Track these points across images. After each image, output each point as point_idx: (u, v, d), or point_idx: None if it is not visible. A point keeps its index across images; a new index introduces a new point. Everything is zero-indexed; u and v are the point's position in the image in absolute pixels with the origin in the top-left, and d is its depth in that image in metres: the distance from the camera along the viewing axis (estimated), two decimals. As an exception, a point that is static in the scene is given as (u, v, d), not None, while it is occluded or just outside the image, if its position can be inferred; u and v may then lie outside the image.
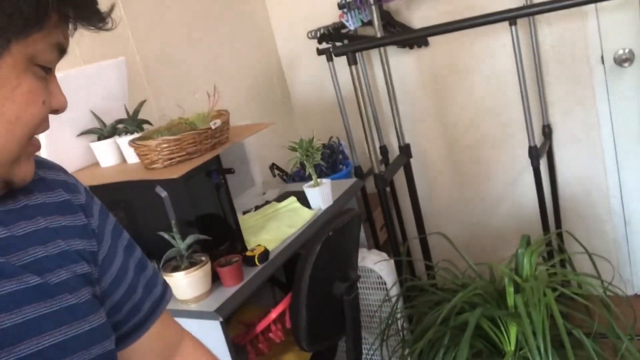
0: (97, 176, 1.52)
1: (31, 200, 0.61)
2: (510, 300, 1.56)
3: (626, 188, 2.35)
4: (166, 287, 0.78)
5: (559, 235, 2.19)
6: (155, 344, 0.75)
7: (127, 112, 1.58)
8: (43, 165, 0.66)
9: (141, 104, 1.61)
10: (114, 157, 1.58)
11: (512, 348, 1.56)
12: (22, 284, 0.55)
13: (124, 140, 1.53)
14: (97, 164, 1.61)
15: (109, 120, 1.57)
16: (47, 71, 0.56)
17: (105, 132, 1.56)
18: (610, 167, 2.33)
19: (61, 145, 1.51)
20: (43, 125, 0.57)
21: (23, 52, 0.52)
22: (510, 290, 1.55)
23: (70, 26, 0.57)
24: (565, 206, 2.44)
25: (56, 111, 0.59)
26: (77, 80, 1.49)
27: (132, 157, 1.54)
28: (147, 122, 1.61)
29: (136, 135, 1.53)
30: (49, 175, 0.66)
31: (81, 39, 0.61)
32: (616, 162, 2.31)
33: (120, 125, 1.58)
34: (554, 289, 1.56)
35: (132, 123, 1.55)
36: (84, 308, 0.60)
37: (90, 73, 1.55)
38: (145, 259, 0.76)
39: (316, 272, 1.53)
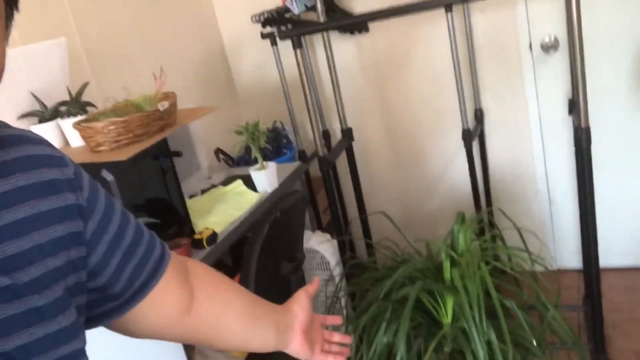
0: (39, 160, 1.49)
1: (10, 183, 0.57)
2: (447, 274, 1.65)
3: (551, 170, 2.51)
4: (164, 246, 0.77)
5: (490, 213, 2.33)
6: (165, 299, 0.75)
7: (70, 94, 1.55)
8: (26, 140, 0.62)
9: (84, 85, 1.58)
10: (57, 140, 1.55)
11: (450, 319, 1.66)
12: None
13: (67, 123, 1.50)
14: (38, 147, 1.57)
15: (50, 103, 1.54)
16: None
17: (46, 114, 1.53)
18: (536, 150, 2.48)
19: (0, 128, 1.47)
20: None
21: None
22: (447, 264, 1.65)
23: None
24: (496, 187, 2.59)
25: None
26: (16, 61, 1.45)
27: (76, 140, 1.51)
28: (91, 104, 1.59)
29: (80, 117, 1.51)
30: (33, 152, 0.61)
31: (20, 19, 0.56)
32: (542, 145, 2.47)
33: (62, 108, 1.54)
34: (487, 263, 1.67)
35: (75, 105, 1.53)
36: (51, 309, 0.57)
37: (30, 53, 1.51)
38: (140, 223, 0.74)
39: (264, 253, 1.57)
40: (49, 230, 0.59)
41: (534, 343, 1.57)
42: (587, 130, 1.76)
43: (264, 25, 2.30)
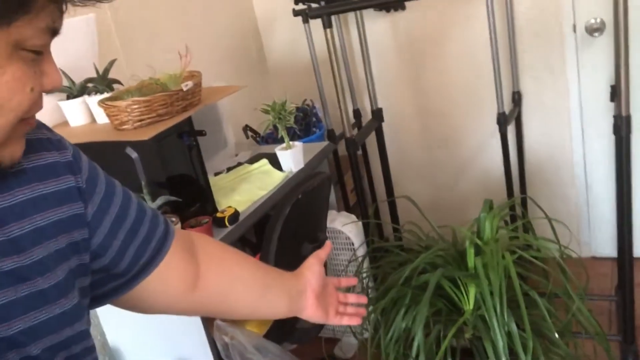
0: (66, 135, 1.51)
1: (12, 167, 0.58)
2: (470, 262, 1.62)
3: (590, 155, 2.42)
4: (168, 223, 0.77)
5: (523, 201, 2.27)
6: (171, 275, 0.76)
7: (97, 71, 1.57)
8: None
9: (111, 62, 1.60)
10: (84, 116, 1.57)
11: (471, 307, 1.63)
12: None
13: (93, 100, 1.52)
14: (66, 122, 1.60)
15: (78, 79, 1.56)
16: (39, 53, 0.52)
17: (74, 90, 1.55)
18: (576, 135, 2.39)
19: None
20: (34, 108, 0.54)
21: (5, 39, 0.47)
22: (470, 252, 1.62)
23: (62, 5, 0.52)
24: (531, 171, 2.51)
25: (50, 91, 0.56)
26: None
27: (102, 117, 1.54)
28: (118, 81, 1.60)
29: (106, 95, 1.53)
30: (32, 135, 0.62)
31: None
32: (582, 130, 2.38)
33: (89, 85, 1.57)
34: (513, 252, 1.63)
35: (101, 82, 1.55)
36: (54, 292, 0.58)
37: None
38: (142, 201, 0.75)
39: (285, 233, 1.57)
40: (49, 213, 0.60)
41: (555, 334, 1.53)
42: (628, 119, 1.69)
43: (296, 1, 2.26)
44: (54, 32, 0.52)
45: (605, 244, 2.55)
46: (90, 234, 0.66)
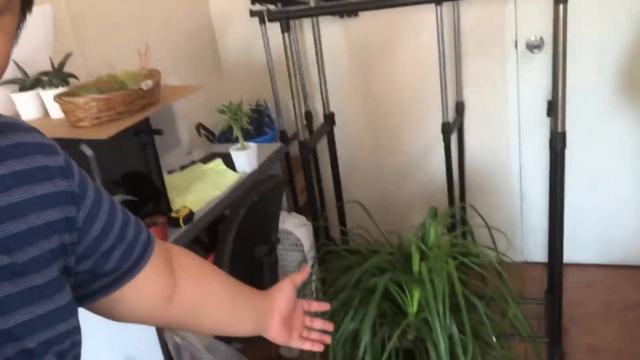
0: (18, 129, 1.48)
1: (7, 168, 0.59)
2: (415, 267, 1.70)
3: (525, 167, 2.57)
4: (149, 232, 0.78)
5: (463, 209, 2.38)
6: (149, 286, 0.77)
7: (52, 65, 1.54)
8: (18, 128, 0.63)
9: (67, 56, 1.56)
10: (37, 110, 1.54)
11: (415, 310, 1.71)
12: None
13: (48, 94, 1.49)
14: (17, 115, 1.56)
15: (32, 72, 1.52)
16: None
17: (27, 83, 1.51)
18: (512, 146, 2.53)
19: (-21, 94, 1.45)
20: None
21: None
22: (416, 257, 1.69)
23: None
24: (470, 179, 2.64)
25: None
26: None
27: (56, 112, 1.50)
28: (73, 76, 1.57)
29: (61, 89, 1.50)
30: (24, 139, 0.62)
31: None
32: (518, 142, 2.52)
33: (44, 78, 1.53)
34: (455, 258, 1.72)
35: (57, 76, 1.51)
36: (50, 287, 0.60)
37: (13, 20, 1.48)
38: (126, 209, 0.76)
39: (240, 235, 1.59)
40: (44, 214, 0.61)
41: (494, 339, 1.63)
42: (563, 135, 1.80)
43: (253, 2, 2.28)
44: None
45: (536, 250, 2.71)
46: (79, 238, 0.66)
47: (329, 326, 1.02)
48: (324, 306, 1.07)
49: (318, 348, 0.99)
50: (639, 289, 2.48)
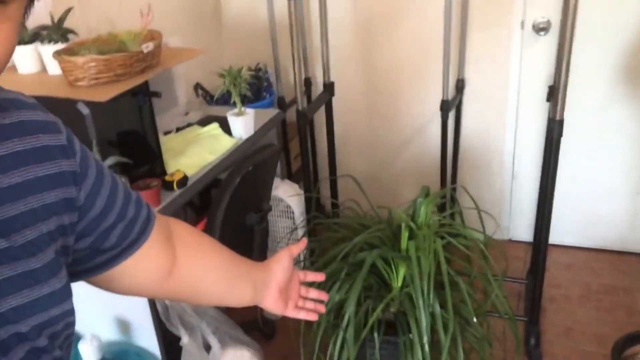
0: (15, 83, 1.46)
1: (7, 148, 0.58)
2: (403, 244, 1.73)
3: (519, 147, 2.58)
4: (150, 207, 0.79)
5: (454, 189, 2.40)
6: (148, 262, 0.77)
7: (52, 19, 1.51)
8: (21, 105, 0.62)
9: (67, 11, 1.53)
10: (34, 64, 1.51)
11: (399, 285, 1.75)
12: None
13: (46, 49, 1.47)
14: (14, 68, 1.54)
15: (30, 25, 1.49)
16: None
17: (25, 37, 1.49)
18: (509, 126, 2.54)
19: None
20: None
21: None
22: (405, 234, 1.72)
23: None
24: (464, 156, 2.65)
25: None
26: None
27: (54, 68, 1.48)
28: (73, 32, 1.54)
29: (60, 45, 1.47)
30: (27, 117, 0.61)
31: None
32: (516, 122, 2.52)
33: (43, 32, 1.50)
34: (443, 238, 1.75)
35: (56, 31, 1.49)
36: (45, 271, 0.60)
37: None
38: (127, 185, 0.77)
39: (232, 203, 1.61)
40: (43, 196, 0.60)
41: (474, 318, 1.68)
42: (561, 123, 1.81)
43: (258, -38, 2.22)
44: None
45: (522, 230, 2.76)
46: (80, 217, 0.66)
47: (324, 296, 1.04)
48: (320, 276, 1.08)
49: (313, 317, 1.01)
50: (618, 274, 2.54)
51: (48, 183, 0.62)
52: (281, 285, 0.96)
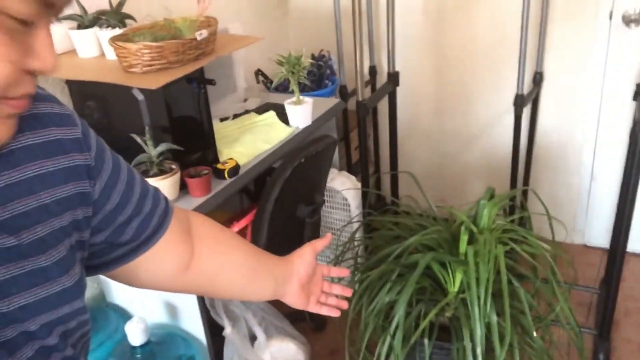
0: (75, 67, 1.48)
1: (19, 142, 0.57)
2: (462, 248, 1.63)
3: (600, 148, 2.38)
4: (167, 201, 0.78)
5: (525, 192, 2.26)
6: (166, 255, 0.77)
7: (111, 4, 1.51)
8: (37, 97, 0.60)
9: (126, -4, 1.53)
10: (93, 48, 1.52)
11: (456, 290, 1.66)
12: None
13: (104, 34, 1.47)
14: (74, 52, 1.55)
15: (91, 9, 1.50)
16: (27, 24, 0.47)
17: (85, 21, 1.50)
18: (590, 124, 2.35)
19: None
20: (16, 88, 0.49)
21: None
22: (464, 239, 1.62)
23: None
24: (539, 153, 2.48)
25: (37, 73, 0.50)
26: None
27: (111, 53, 1.49)
28: (131, 17, 1.54)
29: (117, 30, 1.47)
30: (40, 109, 0.60)
31: None
32: (597, 120, 2.33)
33: (102, 17, 1.51)
34: (506, 244, 1.63)
35: (114, 16, 1.49)
36: (56, 269, 0.59)
37: (75, -46, 1.45)
38: (144, 178, 0.75)
39: (282, 195, 1.56)
40: (55, 190, 0.59)
41: (534, 332, 1.56)
42: (646, 126, 1.64)
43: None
44: (46, 2, 0.47)
45: (598, 235, 2.57)
46: (95, 211, 0.65)
47: (347, 292, 1.01)
48: (344, 272, 1.06)
49: (335, 313, 0.99)
50: (703, 290, 2.31)
51: (61, 177, 0.60)
52: (303, 281, 0.94)
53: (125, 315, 1.60)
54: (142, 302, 1.58)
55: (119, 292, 1.64)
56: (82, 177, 0.62)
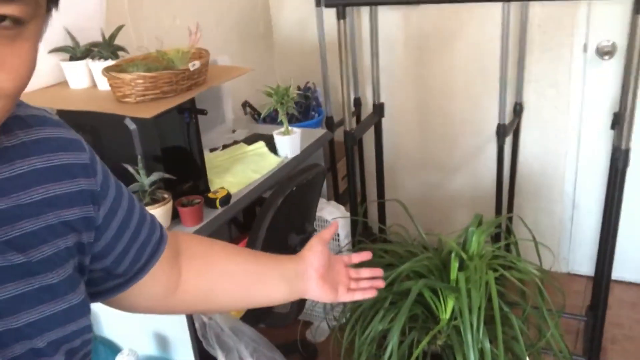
0: (66, 98, 1.48)
1: (27, 165, 0.58)
2: (453, 275, 1.64)
3: (581, 176, 2.44)
4: (162, 228, 0.78)
5: (510, 218, 2.29)
6: (154, 282, 0.77)
7: (103, 36, 1.53)
8: (44, 122, 0.62)
9: (118, 29, 1.55)
10: (85, 80, 1.53)
11: (448, 317, 1.66)
12: (6, 262, 0.54)
13: (96, 65, 1.48)
14: (65, 83, 1.56)
15: (83, 41, 1.52)
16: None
17: (77, 52, 1.51)
18: (571, 153, 2.40)
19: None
20: None
21: None
22: (455, 265, 1.63)
23: None
24: (521, 182, 2.53)
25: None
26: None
27: (103, 84, 1.50)
28: (123, 49, 1.56)
29: (110, 62, 1.49)
30: (49, 134, 0.61)
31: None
32: (577, 149, 2.39)
33: (94, 49, 1.52)
34: (495, 270, 1.65)
35: (107, 48, 1.50)
36: (63, 287, 0.59)
37: (68, -12, 1.47)
38: (143, 206, 0.76)
39: (274, 224, 1.57)
40: (62, 213, 0.61)
41: (527, 358, 1.56)
42: (626, 153, 1.69)
43: (311, -18, 2.21)
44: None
45: (582, 262, 2.60)
46: (97, 237, 0.66)
47: (378, 272, 0.99)
48: (365, 255, 1.03)
49: (371, 294, 0.97)
50: (688, 315, 2.35)
51: (68, 201, 0.61)
52: (321, 272, 0.91)
53: (115, 349, 1.57)
54: (132, 335, 1.55)
55: (108, 325, 1.61)
56: (87, 202, 0.64)
